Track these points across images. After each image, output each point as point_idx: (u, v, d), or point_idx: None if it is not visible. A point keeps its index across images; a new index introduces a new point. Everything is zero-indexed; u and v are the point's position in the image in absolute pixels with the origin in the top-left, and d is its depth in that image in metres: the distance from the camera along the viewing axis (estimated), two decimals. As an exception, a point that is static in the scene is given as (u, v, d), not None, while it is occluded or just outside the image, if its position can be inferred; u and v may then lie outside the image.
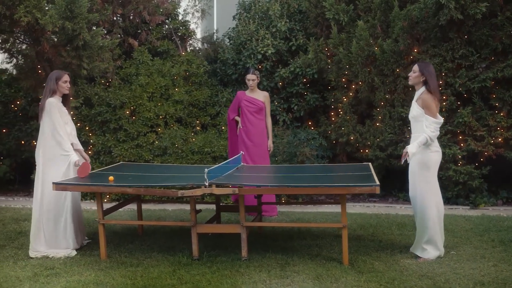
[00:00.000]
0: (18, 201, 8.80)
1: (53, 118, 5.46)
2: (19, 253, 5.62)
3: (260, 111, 7.31)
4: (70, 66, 8.19)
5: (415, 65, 5.34)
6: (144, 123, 8.68)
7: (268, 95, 7.49)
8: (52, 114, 5.46)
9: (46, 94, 5.56)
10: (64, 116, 5.61)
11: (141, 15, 8.97)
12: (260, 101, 7.29)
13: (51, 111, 5.46)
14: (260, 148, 7.30)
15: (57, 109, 5.51)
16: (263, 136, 7.35)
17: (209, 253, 5.33)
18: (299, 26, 9.07)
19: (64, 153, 5.49)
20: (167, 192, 5.01)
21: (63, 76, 5.62)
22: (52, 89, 5.56)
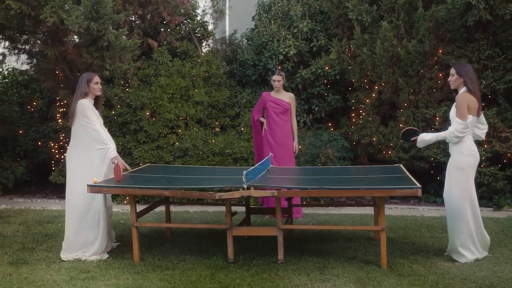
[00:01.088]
0: (37, 203, 8.73)
1: (88, 116, 5.37)
2: (49, 256, 5.56)
3: (285, 112, 7.26)
4: (91, 67, 8.13)
5: (451, 68, 5.29)
6: (165, 124, 8.62)
7: (294, 96, 7.45)
8: (87, 113, 5.38)
9: (77, 96, 5.48)
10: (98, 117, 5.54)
11: (161, 15, 8.90)
12: (285, 102, 7.25)
13: (84, 111, 5.38)
14: (285, 149, 7.25)
15: (91, 109, 5.44)
16: (288, 138, 7.31)
17: (245, 256, 5.28)
18: (320, 27, 9.01)
19: (101, 147, 5.40)
20: (205, 195, 4.95)
21: (94, 78, 5.55)
22: (84, 91, 5.48)
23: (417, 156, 8.06)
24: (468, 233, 5.07)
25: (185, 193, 4.95)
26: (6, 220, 7.25)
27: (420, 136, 5.34)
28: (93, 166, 5.39)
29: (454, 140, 5.09)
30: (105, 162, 5.42)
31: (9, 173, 9.28)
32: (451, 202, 5.15)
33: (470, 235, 5.09)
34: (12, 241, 6.14)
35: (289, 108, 7.27)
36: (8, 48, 8.20)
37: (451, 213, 5.15)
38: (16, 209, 8.03)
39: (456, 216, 5.09)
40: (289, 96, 7.35)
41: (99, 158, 5.41)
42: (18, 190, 9.56)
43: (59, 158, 9.32)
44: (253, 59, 9.18)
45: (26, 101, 10.05)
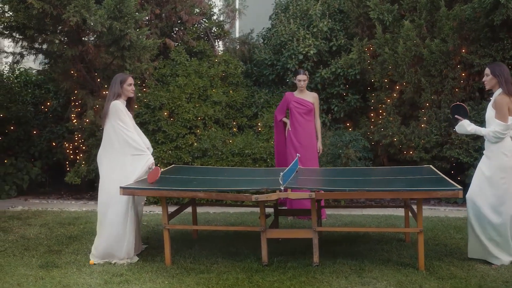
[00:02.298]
0: (53, 204, 8.64)
1: (122, 118, 5.28)
2: (78, 258, 5.47)
3: (309, 112, 7.20)
4: (110, 67, 8.07)
5: (486, 68, 5.23)
6: (183, 125, 8.54)
7: (317, 96, 7.38)
8: (120, 115, 5.29)
9: (110, 97, 5.39)
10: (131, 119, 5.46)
11: (177, 15, 8.82)
12: (309, 102, 7.18)
13: (117, 113, 5.29)
14: (308, 150, 7.18)
15: (124, 111, 5.36)
16: (311, 138, 7.24)
17: (278, 259, 5.20)
18: (339, 26, 8.94)
19: (137, 153, 5.32)
20: (240, 197, 4.88)
21: (128, 79, 5.46)
22: (117, 93, 5.39)
23: (439, 156, 8.01)
24: (505, 235, 5.01)
25: (220, 195, 4.88)
26: (26, 222, 7.15)
27: (463, 121, 5.22)
28: (126, 170, 5.29)
29: (493, 140, 5.02)
30: (138, 167, 5.33)
31: (24, 174, 9.20)
32: (482, 203, 5.05)
33: (505, 238, 5.02)
34: (37, 243, 6.05)
35: (312, 108, 7.20)
36: (25, 48, 8.10)
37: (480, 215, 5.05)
38: (33, 211, 7.93)
39: (496, 218, 4.99)
40: (312, 96, 7.28)
41: (132, 164, 5.31)
42: (32, 191, 9.46)
43: (74, 158, 9.23)
44: (271, 58, 9.11)
45: (40, 101, 9.95)
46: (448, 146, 7.87)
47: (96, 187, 9.18)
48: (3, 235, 6.44)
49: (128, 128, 5.31)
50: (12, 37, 7.90)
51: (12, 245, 6.00)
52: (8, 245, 5.99)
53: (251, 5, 9.93)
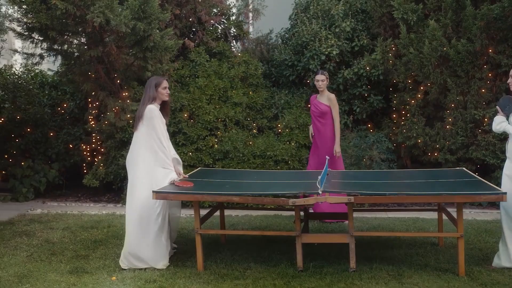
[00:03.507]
0: (71, 207, 8.54)
1: (156, 127, 5.18)
2: (107, 263, 5.38)
3: (323, 115, 7.02)
4: (130, 68, 7.96)
5: (511, 70, 5.11)
6: (204, 126, 8.43)
7: (334, 97, 7.10)
8: (155, 123, 5.18)
9: (145, 101, 5.27)
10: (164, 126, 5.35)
11: (198, 15, 8.71)
12: (323, 104, 7.02)
13: (153, 119, 5.18)
14: (324, 153, 6.99)
15: (160, 119, 5.25)
16: (327, 141, 7.03)
17: (313, 264, 5.09)
18: (361, 26, 8.82)
19: (165, 166, 5.23)
20: (277, 201, 4.76)
21: (163, 82, 5.35)
22: (152, 96, 5.28)
23: (464, 158, 7.89)
24: None
25: (256, 199, 4.76)
26: (48, 226, 7.06)
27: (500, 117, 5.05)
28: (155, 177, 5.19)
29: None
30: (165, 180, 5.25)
31: (41, 176, 9.09)
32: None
33: None
34: (62, 248, 5.95)
35: (327, 111, 6.99)
36: (45, 49, 8.00)
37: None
38: (54, 214, 7.83)
39: None
40: (328, 98, 7.03)
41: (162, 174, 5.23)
42: (49, 193, 9.36)
43: (92, 161, 9.13)
44: (291, 59, 8.99)
45: (56, 103, 9.86)
46: (474, 148, 7.75)
47: (114, 189, 9.13)
48: (27, 239, 6.34)
49: (163, 140, 5.20)
50: (32, 39, 7.80)
51: (38, 249, 5.90)
52: (33, 249, 5.90)
53: (270, 5, 9.80)
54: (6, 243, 6.15)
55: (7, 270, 5.18)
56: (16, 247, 5.99)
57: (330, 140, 7.06)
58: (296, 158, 8.32)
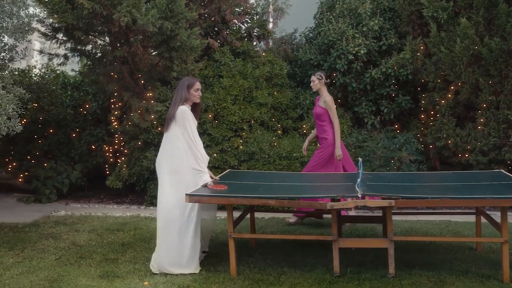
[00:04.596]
0: (95, 208, 8.46)
1: (188, 128, 5.07)
2: (137, 267, 5.26)
3: (319, 117, 6.90)
4: (155, 68, 7.87)
5: None
6: (229, 127, 8.31)
7: (329, 99, 6.79)
8: (187, 124, 5.07)
9: (177, 101, 5.16)
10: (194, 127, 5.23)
11: (223, 14, 8.59)
12: (319, 107, 6.87)
13: (184, 120, 5.06)
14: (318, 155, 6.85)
15: (192, 120, 5.13)
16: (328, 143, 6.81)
17: (352, 269, 4.94)
18: (389, 25, 8.65)
19: (198, 169, 5.11)
20: (315, 205, 4.63)
21: (195, 84, 5.23)
22: (184, 97, 5.16)
23: (496, 160, 7.69)
24: None
25: (293, 203, 4.64)
26: (73, 228, 6.97)
27: None
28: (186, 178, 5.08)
29: None
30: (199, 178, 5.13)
31: (64, 177, 9.02)
32: None
33: None
34: (90, 251, 5.86)
35: (321, 113, 6.82)
36: (68, 50, 7.94)
37: None
38: (78, 216, 7.75)
39: None
40: (324, 100, 6.84)
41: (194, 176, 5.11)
42: (72, 195, 9.29)
43: (114, 162, 9.06)
44: (317, 59, 8.84)
45: (78, 104, 9.80)
46: (506, 149, 7.55)
47: (136, 190, 9.05)
48: (54, 242, 6.26)
49: (198, 141, 5.09)
50: (56, 39, 7.74)
51: (66, 252, 5.81)
52: (61, 252, 5.81)
53: (294, 3, 9.65)
54: (34, 246, 6.07)
55: (37, 274, 5.09)
56: (43, 250, 5.90)
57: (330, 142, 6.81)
58: (322, 160, 8.16)
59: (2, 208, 8.37)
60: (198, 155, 5.08)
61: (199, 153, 5.10)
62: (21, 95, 6.23)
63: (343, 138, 8.40)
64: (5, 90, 5.76)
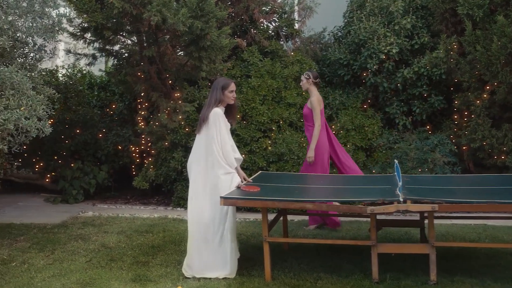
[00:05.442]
0: (122, 209, 8.40)
1: (220, 130, 4.96)
2: (169, 271, 5.16)
3: (305, 118, 6.76)
4: (183, 68, 7.78)
5: None
6: (257, 128, 8.18)
7: (315, 99, 6.57)
8: (218, 126, 4.96)
9: (211, 103, 5.04)
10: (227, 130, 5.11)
11: (251, 13, 8.47)
12: (306, 107, 6.69)
13: (216, 122, 4.96)
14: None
15: (223, 122, 5.02)
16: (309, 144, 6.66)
17: (391, 275, 4.78)
18: (422, 23, 8.44)
19: (226, 171, 5.00)
20: (354, 209, 4.47)
21: (230, 85, 5.11)
22: (218, 99, 5.05)
23: (534, 162, 7.45)
24: None
25: (332, 206, 4.48)
26: (102, 229, 6.91)
27: None
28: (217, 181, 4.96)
29: None
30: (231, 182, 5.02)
31: (91, 178, 8.98)
32: None
33: None
34: (120, 253, 5.78)
35: (307, 113, 6.65)
36: (96, 49, 7.89)
37: None
38: (105, 217, 7.69)
39: None
40: (310, 100, 6.66)
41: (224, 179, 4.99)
42: (98, 195, 9.26)
43: (141, 162, 9.00)
44: (346, 58, 8.67)
45: (105, 104, 9.76)
46: (547, 151, 7.31)
47: (163, 191, 8.97)
48: (83, 243, 6.20)
49: (223, 144, 4.97)
50: (84, 39, 7.70)
51: (96, 254, 5.74)
52: (92, 255, 5.74)
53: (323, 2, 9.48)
54: (63, 248, 6.02)
55: (69, 277, 5.02)
56: (73, 252, 5.84)
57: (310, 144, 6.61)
58: (353, 161, 8.00)
59: (30, 208, 8.37)
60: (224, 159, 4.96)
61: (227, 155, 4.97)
62: (50, 95, 6.18)
63: (374, 139, 8.28)
64: (35, 91, 5.70)
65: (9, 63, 5.95)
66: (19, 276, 5.04)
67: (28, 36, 6.26)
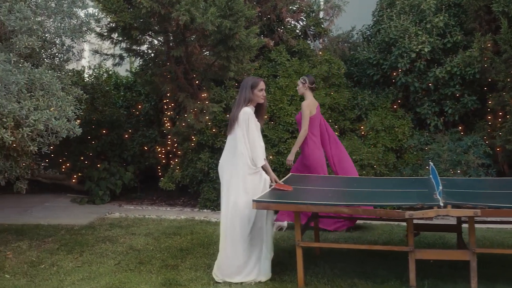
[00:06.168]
0: (148, 210, 8.34)
1: (250, 129, 4.85)
2: (199, 275, 5.07)
3: (298, 124, 6.67)
4: (211, 68, 7.69)
5: None
6: (285, 129, 8.05)
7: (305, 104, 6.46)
8: (248, 127, 4.85)
9: (240, 103, 4.94)
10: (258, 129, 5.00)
11: (279, 12, 8.34)
12: (299, 112, 6.59)
13: (246, 121, 4.85)
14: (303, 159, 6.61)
15: (254, 121, 4.90)
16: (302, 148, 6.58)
17: (428, 282, 4.62)
18: (454, 21, 8.21)
19: (255, 170, 4.88)
20: (391, 213, 4.31)
21: (260, 84, 4.99)
22: (248, 98, 4.94)
23: None
24: None
25: (368, 211, 4.33)
26: (129, 231, 6.85)
27: None
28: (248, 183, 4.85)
29: None
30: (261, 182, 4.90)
31: (117, 179, 8.94)
32: None
33: None
34: (149, 256, 5.70)
35: (298, 119, 6.58)
36: (123, 50, 7.84)
37: None
38: (132, 218, 7.64)
39: None
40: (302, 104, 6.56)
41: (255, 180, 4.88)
42: (124, 196, 9.22)
43: (167, 163, 8.94)
44: (376, 57, 8.48)
45: (131, 104, 9.72)
46: None
47: (189, 192, 8.89)
48: (111, 245, 6.14)
49: (257, 141, 4.86)
50: (111, 39, 7.65)
51: (125, 257, 5.67)
52: (120, 257, 5.68)
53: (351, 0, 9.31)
54: (92, 250, 5.97)
55: (98, 280, 4.96)
56: (102, 254, 5.79)
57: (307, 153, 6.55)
58: (383, 163, 7.85)
59: (57, 209, 8.37)
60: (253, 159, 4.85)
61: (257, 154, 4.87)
62: (79, 96, 6.14)
63: (404, 140, 8.10)
64: (64, 91, 5.65)
65: (38, 64, 5.92)
66: (49, 279, 4.99)
67: (56, 37, 6.23)
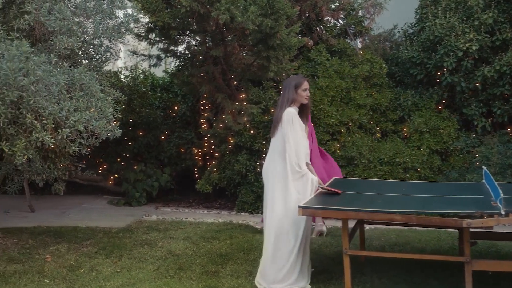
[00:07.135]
0: (185, 213, 8.23)
1: (294, 130, 4.66)
2: (241, 283, 4.89)
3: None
4: (250, 68, 7.52)
5: None
6: (325, 130, 7.82)
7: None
8: (292, 128, 4.65)
9: (284, 104, 4.75)
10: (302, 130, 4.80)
11: (318, 11, 8.12)
12: None
13: (289, 122, 4.66)
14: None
15: (297, 122, 4.71)
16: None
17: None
18: (504, 18, 7.85)
19: (301, 173, 4.68)
20: (447, 222, 4.05)
21: (303, 83, 4.79)
22: (291, 98, 4.75)
23: None
24: None
25: (423, 219, 4.08)
26: (167, 235, 6.72)
27: None
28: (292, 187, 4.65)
29: None
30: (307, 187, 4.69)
31: (153, 180, 8.85)
32: None
33: None
34: (189, 262, 5.55)
35: None
36: (161, 50, 7.74)
37: None
38: (169, 221, 7.52)
39: None
40: None
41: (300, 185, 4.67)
42: (160, 198, 9.14)
43: (203, 165, 8.82)
44: (420, 56, 8.18)
45: (167, 106, 9.64)
46: None
47: (226, 195, 8.75)
48: (150, 250, 6.01)
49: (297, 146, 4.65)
50: (149, 40, 7.55)
51: (164, 262, 5.54)
52: (159, 262, 5.54)
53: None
54: (130, 254, 5.86)
55: (138, 286, 4.83)
56: (141, 259, 5.67)
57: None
58: (428, 166, 7.56)
59: (94, 210, 8.32)
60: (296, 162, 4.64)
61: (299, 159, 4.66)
62: (117, 97, 6.05)
63: (450, 142, 7.81)
64: (103, 93, 5.56)
65: (76, 65, 5.85)
66: (88, 285, 4.89)
67: (95, 38, 6.15)
